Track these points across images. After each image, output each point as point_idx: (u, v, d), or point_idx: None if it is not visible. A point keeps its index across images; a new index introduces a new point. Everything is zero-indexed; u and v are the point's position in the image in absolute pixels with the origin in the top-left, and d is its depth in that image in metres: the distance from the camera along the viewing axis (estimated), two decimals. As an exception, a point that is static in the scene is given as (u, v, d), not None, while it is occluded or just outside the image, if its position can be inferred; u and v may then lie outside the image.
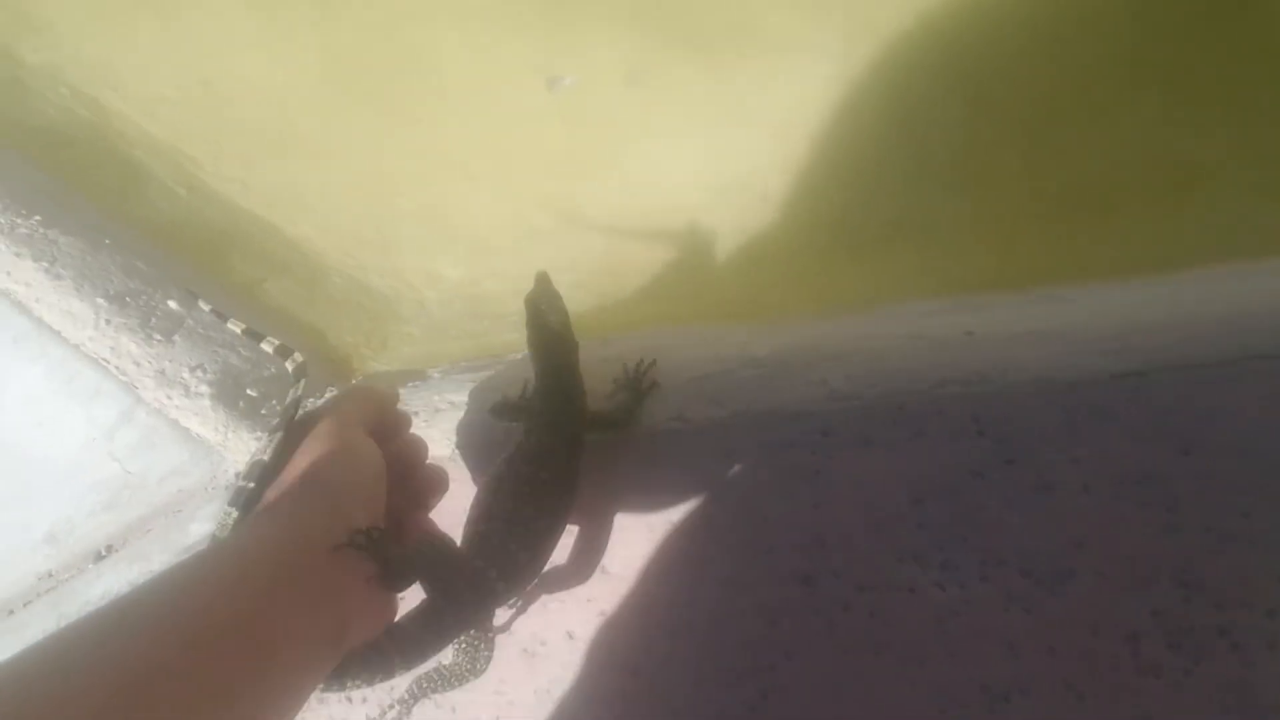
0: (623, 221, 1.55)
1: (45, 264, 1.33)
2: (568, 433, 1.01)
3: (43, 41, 1.76)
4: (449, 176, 1.65)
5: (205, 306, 1.03)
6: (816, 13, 1.66)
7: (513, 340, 1.36)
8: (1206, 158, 1.43)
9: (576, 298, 1.32)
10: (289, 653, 0.62)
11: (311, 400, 1.28)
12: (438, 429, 1.16)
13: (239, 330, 0.99)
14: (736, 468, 1.03)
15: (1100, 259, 1.34)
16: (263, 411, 1.22)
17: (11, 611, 1.19)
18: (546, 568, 1.00)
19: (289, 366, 0.95)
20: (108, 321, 1.28)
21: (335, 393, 1.29)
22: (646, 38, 1.67)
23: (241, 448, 1.18)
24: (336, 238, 1.58)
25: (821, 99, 1.61)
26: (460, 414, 1.17)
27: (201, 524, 1.16)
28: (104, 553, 1.19)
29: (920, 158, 1.56)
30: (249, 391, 1.25)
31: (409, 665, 0.84)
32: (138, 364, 1.25)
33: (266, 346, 0.98)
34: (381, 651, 0.81)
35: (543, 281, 1.16)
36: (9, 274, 1.32)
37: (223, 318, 1.01)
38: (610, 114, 1.65)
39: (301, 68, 1.76)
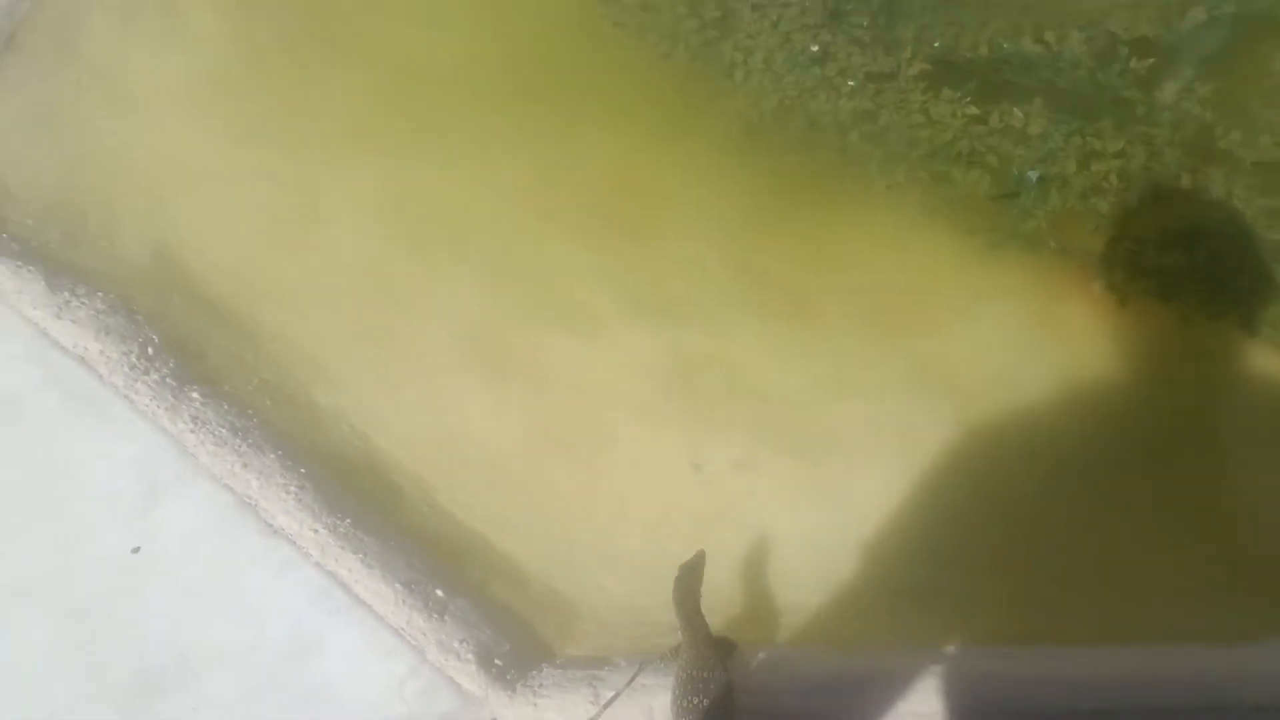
0: (741, 569, 2.20)
1: (360, 555, 1.96)
2: (705, 636, 1.75)
3: (333, 388, 2.51)
4: (613, 514, 2.31)
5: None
6: (881, 432, 2.42)
7: (664, 643, 1.94)
8: (1149, 575, 2.10)
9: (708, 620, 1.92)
10: None
11: (532, 674, 1.85)
12: (637, 706, 1.73)
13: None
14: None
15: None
16: (509, 676, 1.80)
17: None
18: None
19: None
20: (403, 602, 1.89)
21: (545, 670, 1.87)
22: (761, 439, 2.42)
23: (497, 700, 1.74)
24: (534, 554, 2.21)
25: (882, 494, 2.32)
26: (652, 694, 1.75)
27: (466, 758, 1.70)
28: (387, 779, 1.71)
29: (950, 544, 2.23)
30: (496, 661, 1.83)
31: None
32: (424, 634, 1.84)
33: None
34: None
35: (697, 558, 1.93)
36: (336, 560, 1.96)
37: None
38: (732, 487, 2.36)
39: (512, 424, 2.49)
